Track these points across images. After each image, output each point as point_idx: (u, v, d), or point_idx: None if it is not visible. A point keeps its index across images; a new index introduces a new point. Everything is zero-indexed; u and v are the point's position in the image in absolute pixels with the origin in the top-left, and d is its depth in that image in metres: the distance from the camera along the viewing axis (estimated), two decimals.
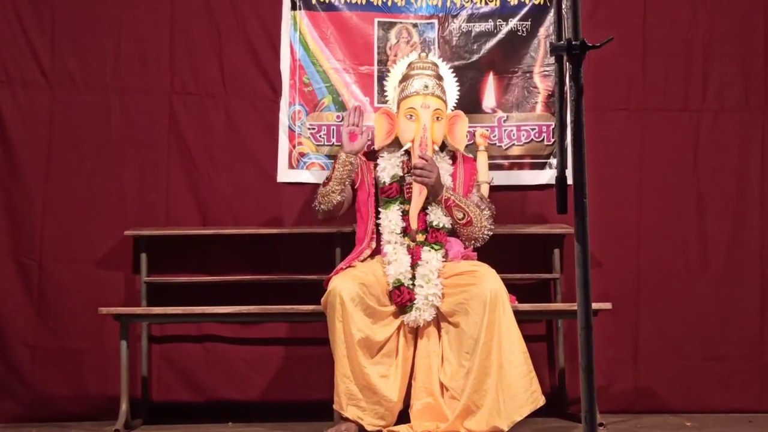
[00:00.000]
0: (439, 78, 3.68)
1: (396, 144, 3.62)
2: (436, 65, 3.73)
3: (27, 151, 4.10)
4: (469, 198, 3.61)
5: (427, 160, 3.48)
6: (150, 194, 4.18)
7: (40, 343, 4.06)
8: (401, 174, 3.59)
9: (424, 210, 3.56)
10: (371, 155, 3.70)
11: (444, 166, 3.60)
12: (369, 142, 3.68)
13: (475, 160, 3.79)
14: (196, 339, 4.17)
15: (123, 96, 4.17)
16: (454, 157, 3.69)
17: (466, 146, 3.80)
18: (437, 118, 3.57)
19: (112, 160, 4.16)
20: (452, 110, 3.73)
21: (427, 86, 3.58)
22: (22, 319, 4.07)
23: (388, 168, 3.60)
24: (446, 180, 3.58)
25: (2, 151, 4.09)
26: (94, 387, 4.07)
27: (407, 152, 3.59)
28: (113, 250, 4.13)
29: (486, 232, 3.57)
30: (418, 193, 3.52)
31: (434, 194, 3.53)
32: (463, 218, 3.53)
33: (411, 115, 3.56)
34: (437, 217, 3.53)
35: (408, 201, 3.55)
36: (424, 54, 3.78)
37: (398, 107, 3.63)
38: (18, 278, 4.07)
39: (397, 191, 3.58)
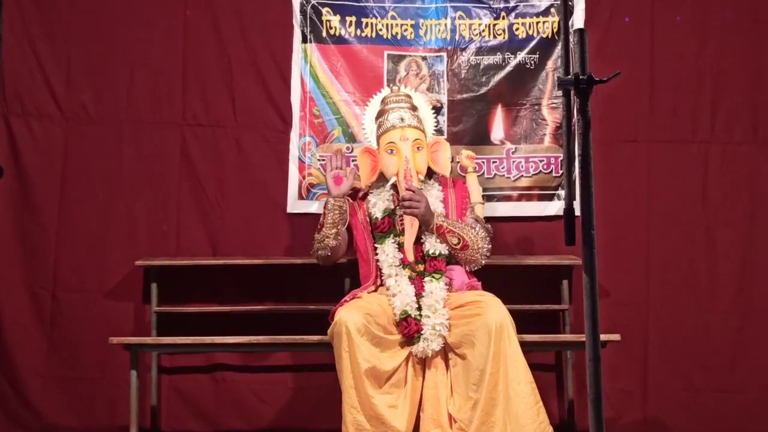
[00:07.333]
0: (414, 108, 3.67)
1: (382, 180, 3.61)
2: (409, 96, 3.72)
3: (41, 182, 4.14)
4: (463, 221, 3.60)
5: (414, 191, 3.48)
6: (161, 225, 4.20)
7: (51, 373, 4.08)
8: (392, 207, 3.59)
9: (419, 241, 3.56)
10: (362, 195, 3.69)
11: (434, 193, 3.61)
12: (355, 182, 3.65)
13: (465, 182, 3.78)
14: (205, 369, 4.18)
15: (135, 128, 4.21)
16: (444, 183, 3.69)
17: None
18: (417, 148, 3.57)
19: (124, 191, 4.19)
20: (432, 136, 3.73)
21: (402, 119, 3.59)
22: (34, 348, 4.09)
23: (379, 203, 3.60)
24: (437, 207, 3.58)
25: (17, 182, 4.13)
26: (103, 417, 4.08)
27: (394, 186, 3.59)
28: (124, 280, 4.15)
29: (484, 253, 3.55)
30: (410, 225, 3.52)
31: (426, 223, 3.52)
32: (458, 243, 3.52)
33: (391, 150, 3.56)
34: (432, 245, 3.53)
35: (402, 233, 3.54)
36: (396, 87, 3.78)
37: (378, 143, 3.64)
38: (31, 308, 4.10)
39: (390, 225, 3.57)
